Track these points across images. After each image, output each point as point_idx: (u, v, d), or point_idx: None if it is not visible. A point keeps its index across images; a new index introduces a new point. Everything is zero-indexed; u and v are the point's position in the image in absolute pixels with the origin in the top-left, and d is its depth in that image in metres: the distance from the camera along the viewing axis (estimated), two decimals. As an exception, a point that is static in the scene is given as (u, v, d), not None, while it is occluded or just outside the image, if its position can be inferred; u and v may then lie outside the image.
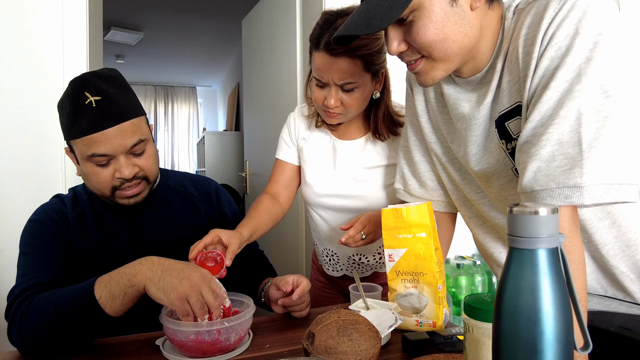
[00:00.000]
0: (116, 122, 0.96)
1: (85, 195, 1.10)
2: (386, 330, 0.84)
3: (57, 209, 1.06)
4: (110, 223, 1.08)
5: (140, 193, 1.05)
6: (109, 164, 0.99)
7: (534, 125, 0.72)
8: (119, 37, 5.01)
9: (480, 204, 0.96)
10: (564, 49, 0.69)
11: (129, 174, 1.00)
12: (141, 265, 0.87)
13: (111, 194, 1.02)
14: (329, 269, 1.43)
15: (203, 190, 1.22)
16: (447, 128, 0.97)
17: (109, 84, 0.99)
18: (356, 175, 1.29)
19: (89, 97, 0.95)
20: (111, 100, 0.97)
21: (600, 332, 0.75)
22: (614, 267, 0.83)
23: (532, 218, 0.45)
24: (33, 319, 0.85)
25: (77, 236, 1.04)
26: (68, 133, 0.99)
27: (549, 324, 0.44)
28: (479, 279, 2.29)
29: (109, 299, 0.85)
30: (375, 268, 1.39)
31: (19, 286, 0.92)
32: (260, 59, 3.08)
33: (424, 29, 0.75)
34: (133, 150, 1.00)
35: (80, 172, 1.04)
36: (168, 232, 1.13)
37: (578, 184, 0.66)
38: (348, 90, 1.15)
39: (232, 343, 0.87)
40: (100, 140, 0.95)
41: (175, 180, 1.21)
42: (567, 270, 0.47)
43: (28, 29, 1.86)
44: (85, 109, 0.95)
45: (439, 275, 0.95)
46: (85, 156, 0.97)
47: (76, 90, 0.97)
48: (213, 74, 7.10)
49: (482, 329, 0.63)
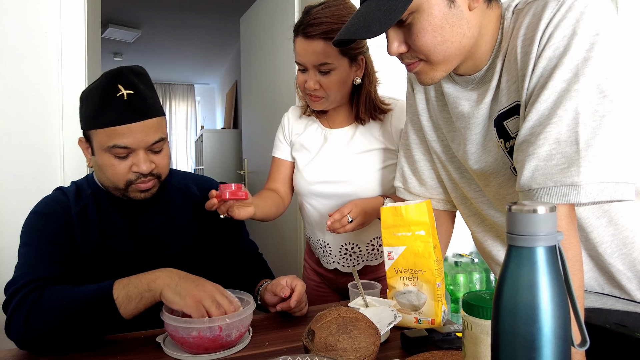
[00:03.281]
0: (143, 117, 0.99)
1: (88, 189, 1.10)
2: (385, 328, 0.85)
3: (60, 202, 1.06)
4: (112, 218, 1.09)
5: (152, 189, 1.07)
6: (127, 157, 1.01)
7: (531, 125, 0.72)
8: (116, 35, 4.99)
9: (478, 202, 0.97)
10: (562, 49, 0.70)
11: (146, 169, 1.02)
12: (161, 273, 0.91)
13: (125, 187, 1.04)
14: (324, 262, 1.44)
15: (205, 190, 1.23)
16: (447, 127, 0.98)
17: (140, 80, 1.02)
18: (346, 161, 1.32)
19: (121, 90, 0.98)
20: (141, 97, 1.00)
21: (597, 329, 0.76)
22: (611, 265, 0.84)
23: (530, 216, 0.46)
24: (43, 310, 0.86)
25: (79, 230, 1.04)
26: (91, 123, 1.00)
27: (547, 321, 0.45)
28: (476, 276, 2.30)
29: (125, 300, 0.87)
30: (367, 260, 1.39)
31: (23, 277, 0.91)
32: (259, 57, 3.07)
33: (422, 32, 0.76)
34: (153, 147, 1.03)
35: (94, 164, 1.05)
36: (169, 230, 1.14)
37: (575, 183, 0.67)
38: (325, 72, 1.21)
39: (233, 339, 0.88)
40: (125, 133, 0.98)
41: (178, 179, 1.22)
42: (565, 268, 0.48)
43: (26, 27, 1.86)
44: (115, 101, 0.97)
45: (438, 272, 0.96)
46: (105, 147, 0.99)
47: (110, 81, 0.99)
48: (211, 71, 7.09)
49: (480, 326, 0.64)
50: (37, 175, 1.88)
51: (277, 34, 2.69)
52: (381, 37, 0.80)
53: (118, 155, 1.00)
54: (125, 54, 5.91)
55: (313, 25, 1.16)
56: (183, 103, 7.80)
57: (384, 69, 1.38)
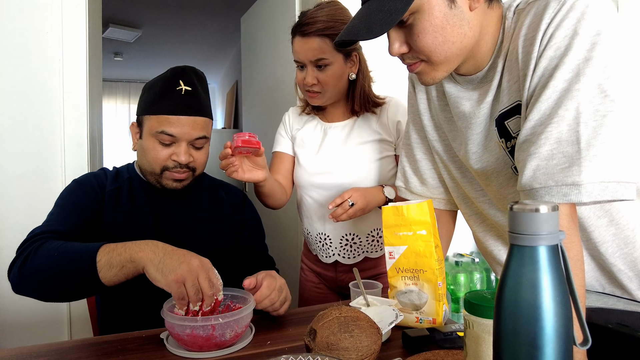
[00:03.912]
0: (194, 113, 1.09)
1: (126, 174, 1.19)
2: (387, 327, 0.85)
3: (99, 178, 1.15)
4: (142, 205, 1.14)
5: (184, 180, 1.14)
6: (170, 146, 1.10)
7: (533, 124, 0.72)
8: (117, 35, 4.99)
9: (480, 202, 0.97)
10: (563, 49, 0.70)
11: (184, 160, 1.10)
12: (146, 246, 0.90)
13: (160, 172, 1.11)
14: (323, 256, 1.46)
15: (232, 196, 1.29)
16: (448, 126, 0.98)
17: (199, 82, 1.13)
18: (345, 153, 1.38)
19: (182, 85, 1.09)
20: (197, 96, 1.11)
21: (598, 328, 0.76)
22: (612, 264, 0.84)
23: (532, 215, 0.46)
24: (37, 258, 0.91)
25: (109, 209, 1.11)
26: (148, 108, 1.10)
27: (549, 320, 0.45)
28: (477, 276, 2.30)
29: (106, 266, 0.88)
30: (368, 252, 1.42)
31: (39, 229, 0.99)
32: (259, 57, 3.07)
33: (423, 33, 0.76)
34: (195, 143, 1.12)
35: (138, 147, 1.15)
36: (191, 228, 1.18)
37: (576, 182, 0.67)
38: (322, 66, 1.29)
39: (227, 339, 0.88)
40: (175, 123, 1.07)
41: (209, 183, 1.29)
42: (567, 267, 0.48)
43: (28, 26, 1.86)
44: (174, 93, 1.08)
45: (439, 272, 0.96)
46: (153, 131, 1.08)
47: (174, 75, 1.10)
48: (211, 71, 7.08)
49: (482, 325, 0.64)
50: (38, 175, 1.87)
51: (277, 34, 2.69)
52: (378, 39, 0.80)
53: (163, 141, 1.09)
54: (125, 53, 5.92)
55: (309, 24, 1.26)
56: (183, 103, 7.79)
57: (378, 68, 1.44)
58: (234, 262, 1.22)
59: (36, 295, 0.93)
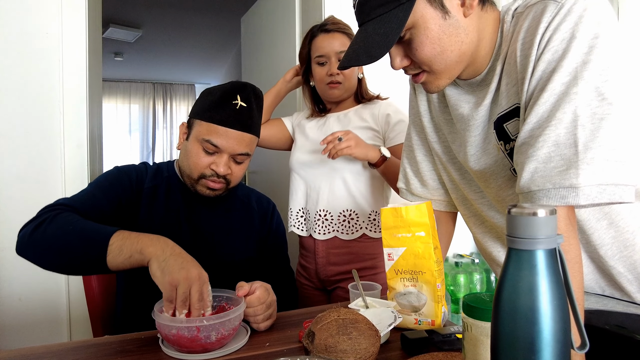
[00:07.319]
0: (243, 129, 1.11)
1: (166, 172, 1.21)
2: (385, 329, 0.85)
3: (139, 172, 1.17)
4: (177, 206, 1.16)
5: (218, 190, 1.15)
6: (212, 155, 1.12)
7: (531, 127, 0.73)
8: (117, 35, 4.99)
9: (479, 203, 0.97)
10: (561, 52, 0.70)
11: (223, 172, 1.12)
12: (158, 242, 0.92)
13: (197, 178, 1.13)
14: (320, 232, 1.50)
15: (262, 207, 1.32)
16: (448, 128, 0.98)
17: (256, 100, 1.15)
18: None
19: (238, 100, 1.11)
20: (250, 113, 1.13)
21: (597, 330, 0.76)
22: (612, 267, 0.84)
23: (530, 219, 0.46)
24: (52, 226, 0.94)
25: (145, 205, 1.13)
26: (201, 114, 1.12)
27: (547, 324, 0.45)
28: (477, 277, 2.30)
29: (116, 250, 0.90)
30: (367, 229, 1.48)
31: (63, 199, 1.03)
32: (259, 57, 3.07)
33: (421, 46, 0.78)
34: (237, 157, 1.14)
35: (183, 148, 1.18)
36: (221, 234, 1.20)
37: (574, 185, 0.67)
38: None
39: (213, 341, 0.86)
40: (222, 134, 1.10)
41: (243, 192, 1.32)
42: (565, 271, 0.48)
43: (27, 27, 1.86)
44: (230, 106, 1.10)
45: (438, 274, 0.96)
46: (200, 138, 1.11)
47: (233, 89, 1.12)
48: (212, 71, 7.09)
49: (480, 328, 0.64)
50: (38, 176, 1.88)
51: (278, 34, 2.69)
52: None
53: (207, 149, 1.11)
54: (126, 53, 5.92)
55: (333, 23, 1.46)
56: (184, 103, 7.80)
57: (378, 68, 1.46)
58: (260, 271, 1.25)
59: (38, 262, 0.95)
